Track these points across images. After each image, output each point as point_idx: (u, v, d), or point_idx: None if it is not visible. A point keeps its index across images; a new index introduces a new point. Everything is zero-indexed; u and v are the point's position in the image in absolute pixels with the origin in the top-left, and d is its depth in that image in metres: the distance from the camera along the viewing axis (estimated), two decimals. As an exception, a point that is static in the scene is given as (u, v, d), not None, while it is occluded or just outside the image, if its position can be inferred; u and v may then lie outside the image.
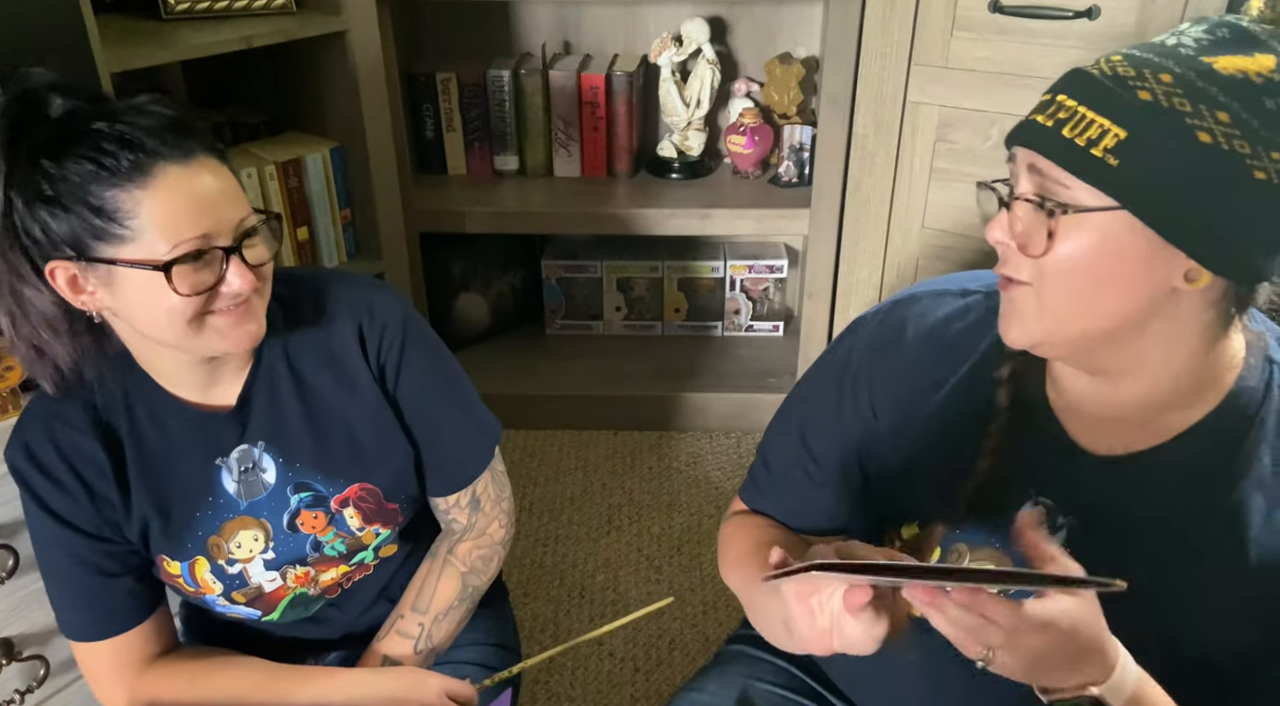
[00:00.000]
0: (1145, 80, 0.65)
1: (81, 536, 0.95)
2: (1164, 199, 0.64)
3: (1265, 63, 0.64)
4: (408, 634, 1.04)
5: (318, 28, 1.66)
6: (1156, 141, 0.64)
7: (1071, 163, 0.66)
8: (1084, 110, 0.66)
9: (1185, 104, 0.63)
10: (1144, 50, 0.67)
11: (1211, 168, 0.63)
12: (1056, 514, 0.80)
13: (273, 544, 1.00)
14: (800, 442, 0.95)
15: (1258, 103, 0.63)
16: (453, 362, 1.07)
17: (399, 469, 1.03)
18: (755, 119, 2.17)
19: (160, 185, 0.80)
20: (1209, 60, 0.64)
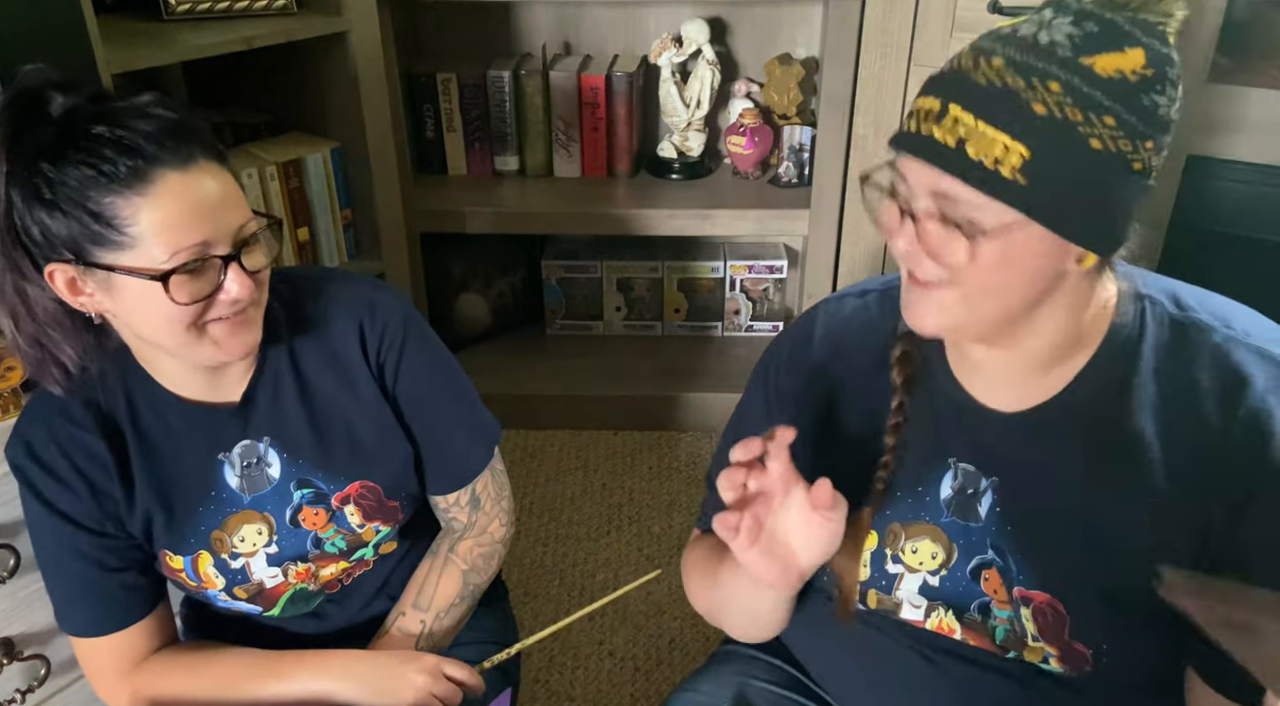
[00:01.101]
0: (1036, 91, 0.67)
1: (83, 532, 0.95)
2: (1066, 206, 0.70)
3: (1136, 59, 0.68)
4: (409, 631, 1.04)
5: (318, 28, 1.66)
6: (1057, 155, 0.68)
7: (982, 184, 0.69)
8: (983, 127, 0.68)
9: (1077, 114, 0.67)
10: (1020, 51, 0.68)
11: (1102, 169, 0.69)
12: (979, 476, 0.85)
13: (276, 538, 1.00)
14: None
15: (1135, 101, 0.68)
16: (453, 362, 1.07)
17: (399, 467, 1.03)
18: (755, 119, 2.17)
19: (159, 192, 0.80)
20: (1088, 62, 0.67)
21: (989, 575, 0.85)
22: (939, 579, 0.87)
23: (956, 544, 0.87)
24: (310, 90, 1.81)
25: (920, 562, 0.88)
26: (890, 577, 0.89)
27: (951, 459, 0.86)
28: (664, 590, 1.82)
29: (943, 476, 0.87)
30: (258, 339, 0.91)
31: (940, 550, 0.87)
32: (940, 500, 0.87)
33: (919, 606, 0.89)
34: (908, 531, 0.88)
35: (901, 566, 0.89)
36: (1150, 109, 0.69)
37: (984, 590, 0.86)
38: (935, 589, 0.88)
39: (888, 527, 0.89)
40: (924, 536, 0.88)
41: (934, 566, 0.87)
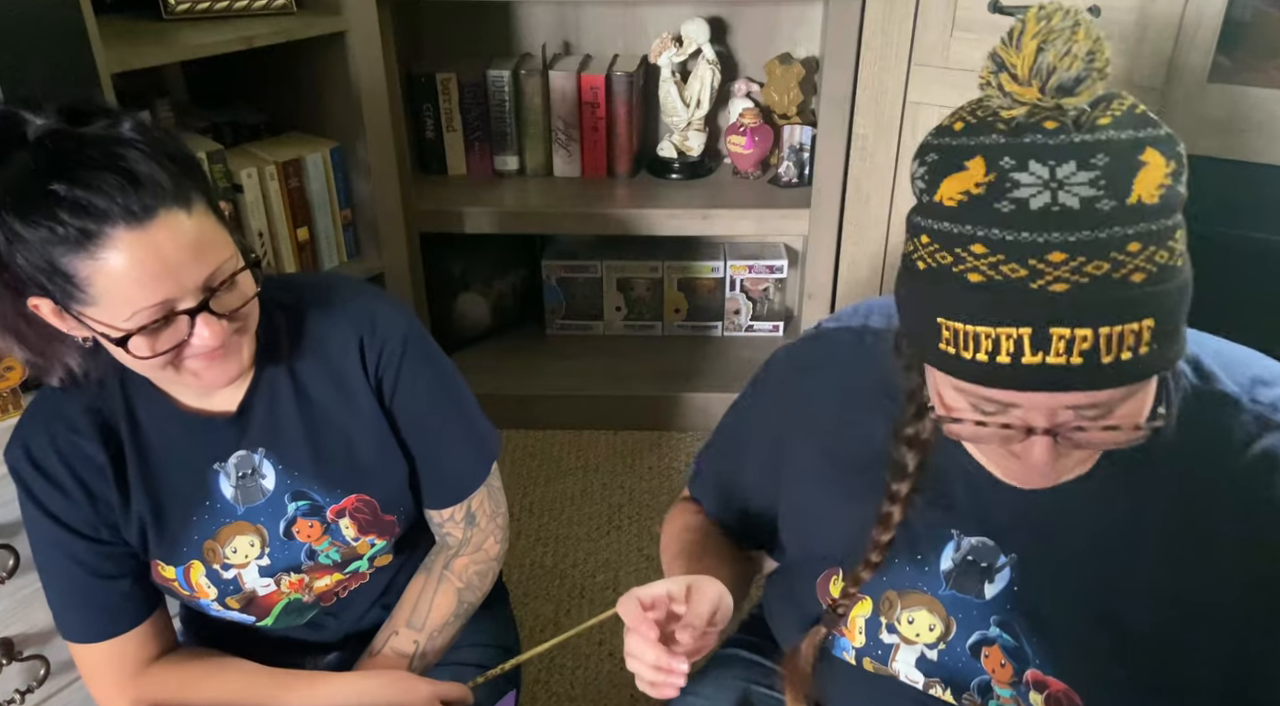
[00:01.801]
0: (1126, 263, 0.60)
1: (79, 538, 0.95)
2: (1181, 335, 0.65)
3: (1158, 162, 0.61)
4: (402, 652, 1.03)
5: (318, 28, 1.66)
6: (1169, 303, 0.62)
7: (1131, 378, 0.62)
8: (1103, 330, 0.60)
9: (1163, 254, 0.61)
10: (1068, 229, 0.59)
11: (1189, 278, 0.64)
12: (997, 552, 0.80)
13: (268, 550, 0.99)
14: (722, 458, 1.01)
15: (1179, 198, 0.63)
16: (453, 376, 1.06)
17: (396, 481, 1.02)
18: (755, 119, 2.17)
19: (112, 255, 0.76)
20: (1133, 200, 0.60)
21: (989, 652, 0.81)
22: (937, 653, 0.83)
23: (955, 618, 0.82)
24: (310, 90, 1.81)
25: (917, 634, 0.83)
26: (886, 648, 0.85)
27: (955, 529, 0.81)
28: (664, 590, 1.82)
29: (944, 547, 0.82)
30: (242, 366, 0.90)
31: (938, 622, 0.82)
32: (940, 571, 0.82)
33: (916, 682, 0.84)
34: (904, 600, 0.84)
35: (897, 637, 0.84)
36: (1184, 192, 0.63)
37: (984, 667, 0.81)
38: (933, 663, 0.83)
39: (883, 594, 0.85)
40: (921, 607, 0.83)
41: (931, 639, 0.83)
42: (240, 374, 0.90)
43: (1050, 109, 0.61)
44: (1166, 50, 1.60)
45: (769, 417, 0.94)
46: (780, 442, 0.92)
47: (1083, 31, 0.61)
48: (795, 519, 0.93)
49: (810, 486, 0.90)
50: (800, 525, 0.92)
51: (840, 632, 0.87)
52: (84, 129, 0.78)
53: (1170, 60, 1.60)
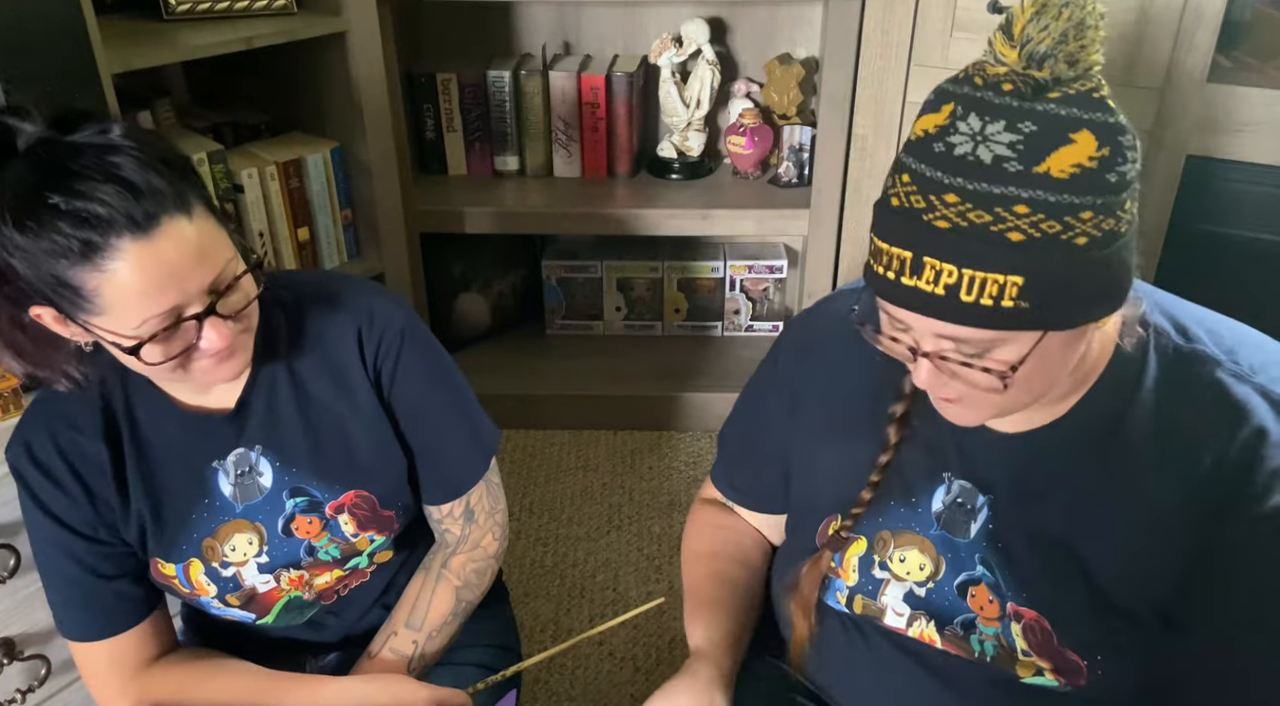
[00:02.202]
0: (1005, 220, 0.64)
1: (78, 537, 0.95)
2: (1076, 303, 0.68)
3: (1088, 143, 0.64)
4: (402, 652, 1.03)
5: (318, 28, 1.66)
6: (1050, 270, 0.66)
7: (989, 323, 0.67)
8: (967, 272, 0.65)
9: (1054, 225, 0.65)
10: (969, 179, 0.65)
11: (1095, 255, 0.66)
12: (975, 493, 0.85)
13: (266, 548, 1.00)
14: (743, 430, 1.05)
15: (1103, 182, 0.65)
16: (452, 370, 1.06)
17: (395, 477, 1.02)
18: (755, 119, 2.17)
19: (118, 267, 0.76)
20: (1042, 169, 0.64)
21: (976, 592, 0.85)
22: (925, 590, 0.88)
23: (944, 557, 0.87)
24: (310, 90, 1.81)
25: (908, 572, 0.88)
26: (877, 583, 0.90)
27: (947, 473, 0.86)
28: (664, 590, 1.82)
29: (935, 489, 0.87)
30: (247, 361, 0.90)
31: (928, 562, 0.87)
32: (931, 512, 0.87)
33: (902, 614, 0.89)
34: (896, 540, 0.89)
35: (889, 573, 0.89)
36: (1119, 180, 0.66)
37: (970, 606, 0.86)
38: (920, 599, 0.88)
39: (877, 534, 0.90)
40: (913, 547, 0.88)
41: (921, 578, 0.88)
42: (242, 371, 0.90)
43: (1019, 75, 0.66)
44: (1165, 50, 1.60)
45: (786, 378, 0.98)
46: (796, 401, 0.96)
47: (1068, 14, 0.65)
48: (803, 471, 0.97)
49: (817, 440, 0.94)
50: (807, 476, 0.97)
51: (835, 573, 0.92)
52: (74, 137, 0.77)
53: (1169, 60, 1.60)
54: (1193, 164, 1.65)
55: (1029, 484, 0.83)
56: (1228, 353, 0.78)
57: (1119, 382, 0.79)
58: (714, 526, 1.08)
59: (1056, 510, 0.81)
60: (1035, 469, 0.82)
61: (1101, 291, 0.69)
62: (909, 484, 0.88)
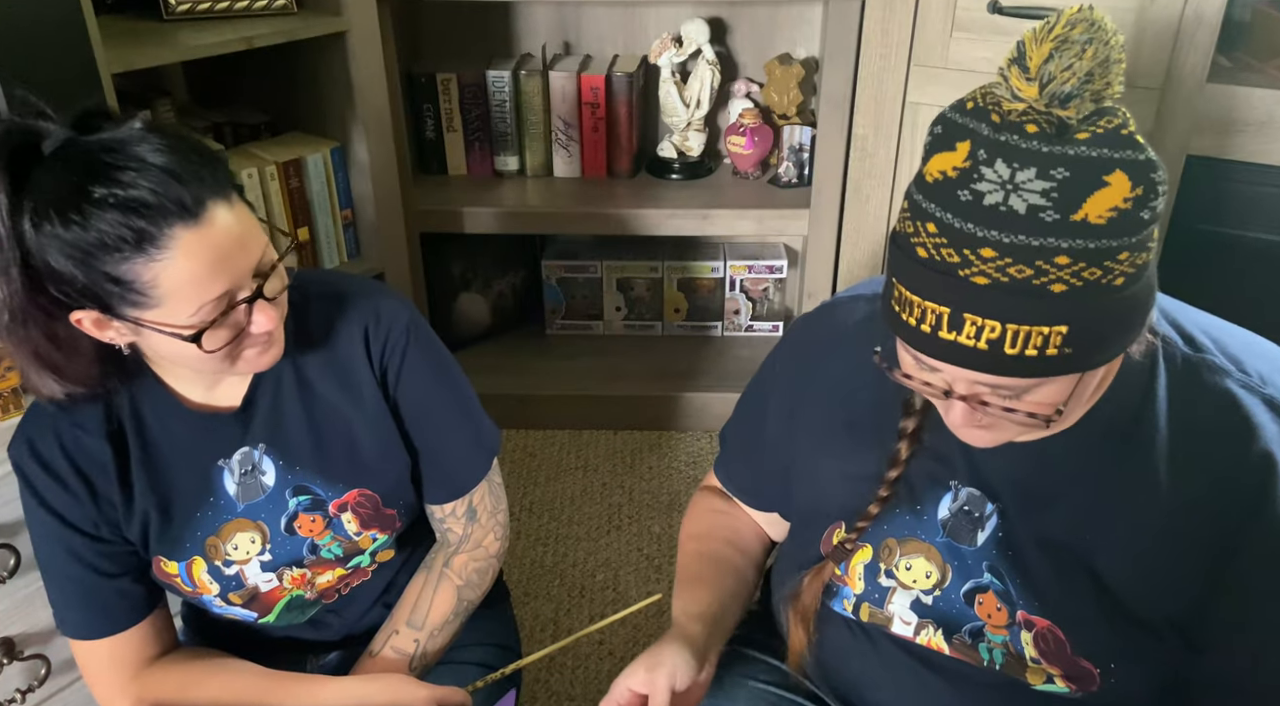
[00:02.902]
0: (1049, 273, 0.63)
1: (80, 535, 0.95)
2: (1114, 339, 0.68)
3: (1122, 185, 0.62)
4: (403, 651, 1.03)
5: (318, 28, 1.66)
6: (1094, 315, 0.65)
7: (1033, 371, 0.66)
8: (1011, 327, 0.64)
9: (1096, 271, 0.63)
10: (1005, 231, 0.63)
11: (1131, 291, 0.66)
12: (984, 501, 0.84)
13: (269, 546, 1.00)
14: (743, 429, 1.05)
15: (1137, 221, 0.63)
16: (456, 370, 1.06)
17: (398, 475, 1.02)
18: (755, 119, 2.17)
19: (174, 254, 0.76)
20: (1080, 216, 0.62)
21: (984, 599, 0.85)
22: (932, 598, 0.87)
23: (950, 565, 0.86)
24: (310, 90, 1.81)
25: (914, 580, 0.87)
26: (883, 591, 0.89)
27: (954, 481, 0.85)
28: (664, 589, 1.82)
29: (942, 497, 0.86)
30: (283, 347, 0.92)
31: (934, 569, 0.86)
32: (937, 520, 0.86)
33: (909, 622, 0.88)
34: (903, 548, 0.88)
35: (894, 581, 0.88)
36: (1151, 215, 0.64)
37: (977, 614, 0.85)
38: (927, 607, 0.87)
39: (883, 542, 0.89)
40: (919, 554, 0.87)
41: (928, 585, 0.87)
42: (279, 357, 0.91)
43: (1040, 112, 0.63)
44: (1166, 50, 1.60)
45: (787, 381, 0.98)
46: (796, 405, 0.96)
47: (1091, 51, 0.63)
48: (806, 477, 0.96)
49: (821, 447, 0.93)
50: (810, 483, 0.96)
51: (842, 581, 0.91)
52: (99, 136, 0.78)
53: (1169, 60, 1.60)
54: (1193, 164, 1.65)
55: (1038, 491, 0.82)
56: (1234, 361, 0.78)
57: (1129, 390, 0.78)
58: (711, 511, 1.08)
59: (1066, 517, 0.80)
60: (1044, 476, 0.81)
61: (1135, 324, 0.69)
62: (915, 491, 0.87)
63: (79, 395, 0.89)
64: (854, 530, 0.89)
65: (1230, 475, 0.75)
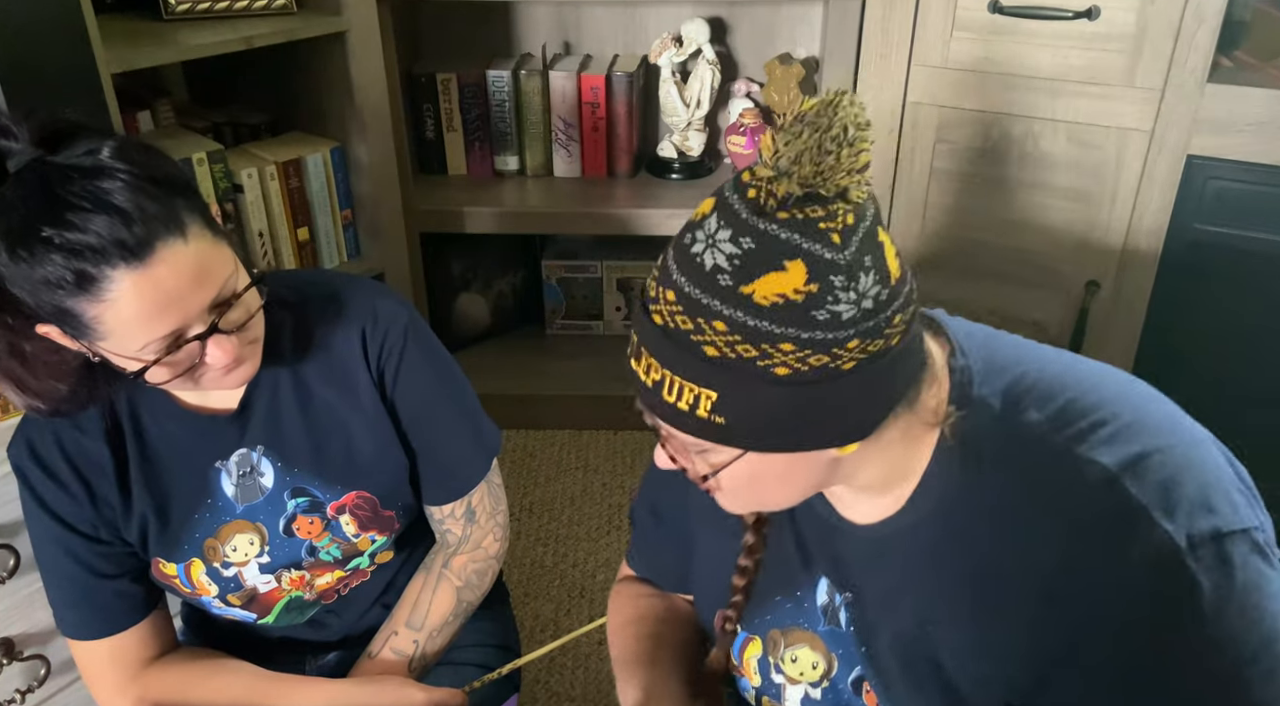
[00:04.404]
0: (704, 333, 0.62)
1: (78, 536, 0.95)
2: (782, 431, 0.65)
3: (797, 276, 0.60)
4: (402, 652, 1.03)
5: (318, 28, 1.66)
6: (744, 393, 0.63)
7: (686, 427, 0.66)
8: (668, 374, 0.64)
9: (750, 350, 0.61)
10: (690, 281, 0.62)
11: (802, 389, 0.63)
12: (834, 591, 0.81)
13: (268, 548, 1.00)
14: (649, 504, 1.01)
15: (809, 319, 0.61)
16: (455, 371, 1.06)
17: (396, 477, 1.02)
18: (755, 119, 2.17)
19: (116, 296, 0.75)
20: (748, 290, 0.61)
21: (870, 688, 0.80)
22: (820, 691, 0.83)
23: (835, 653, 0.82)
24: (310, 90, 1.81)
25: (801, 672, 0.84)
26: (777, 687, 0.85)
27: (817, 567, 0.82)
28: (664, 590, 1.83)
29: (817, 583, 0.82)
30: (255, 368, 0.90)
31: (820, 659, 0.83)
32: (817, 607, 0.82)
33: None
34: (787, 638, 0.84)
35: (783, 677, 0.85)
36: (832, 319, 0.61)
37: (866, 703, 0.81)
38: (817, 702, 0.83)
39: (768, 633, 0.86)
40: (803, 644, 0.84)
41: (815, 677, 0.83)
42: (251, 376, 0.90)
43: (764, 181, 0.62)
44: (1166, 50, 1.60)
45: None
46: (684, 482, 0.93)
47: (805, 135, 0.60)
48: (696, 554, 0.94)
49: (700, 523, 0.91)
50: (698, 561, 0.93)
51: (739, 672, 0.89)
52: (65, 158, 0.76)
53: (1169, 60, 1.60)
54: (1193, 164, 1.65)
55: (883, 581, 0.78)
56: (1055, 417, 0.70)
57: (943, 476, 0.73)
58: (634, 596, 1.02)
59: (910, 609, 0.76)
60: (886, 565, 0.77)
61: (810, 425, 0.65)
62: (790, 578, 0.84)
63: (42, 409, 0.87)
64: (731, 608, 0.86)
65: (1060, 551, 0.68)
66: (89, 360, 0.85)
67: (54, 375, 0.84)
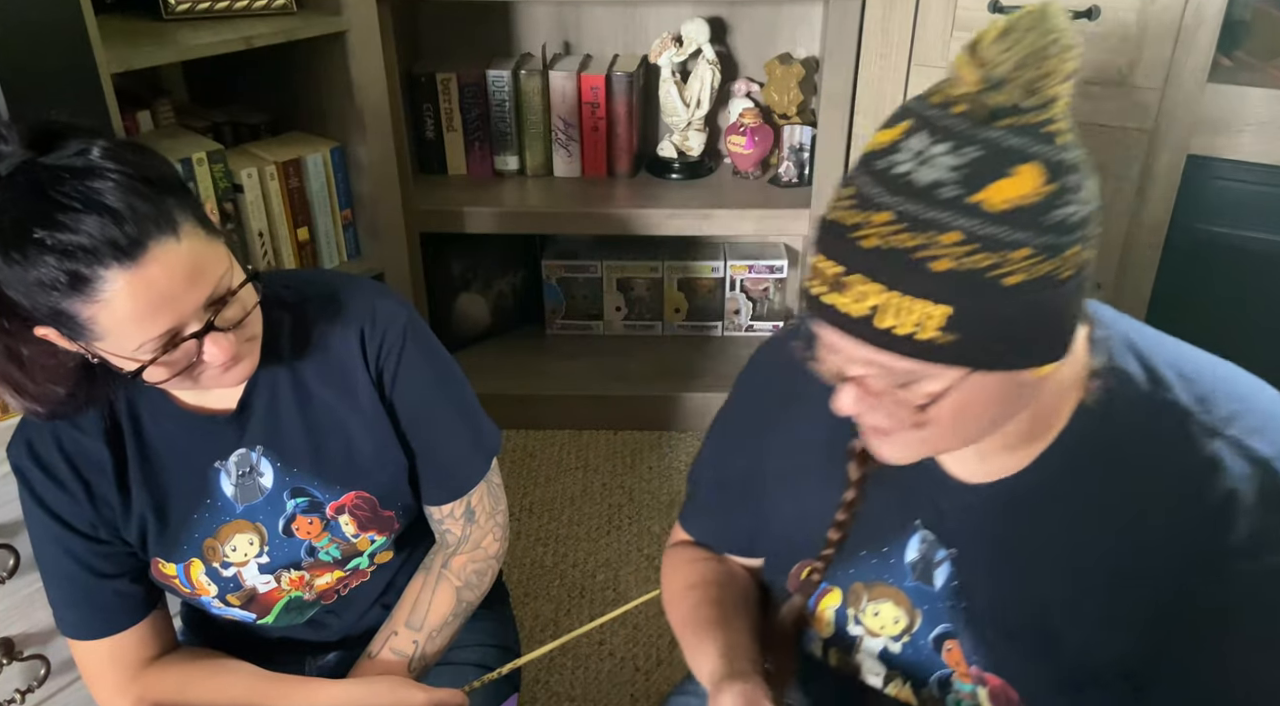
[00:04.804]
0: (932, 247, 0.61)
1: (77, 536, 0.95)
2: (1005, 345, 0.64)
3: (1030, 178, 0.61)
4: (402, 653, 1.03)
5: (318, 28, 1.66)
6: (978, 305, 0.62)
7: (909, 353, 0.64)
8: (891, 296, 0.62)
9: (985, 259, 0.61)
10: (905, 199, 0.62)
11: (1029, 298, 0.63)
12: (937, 546, 0.81)
13: (267, 548, 1.00)
14: (712, 470, 1.00)
15: (1043, 222, 0.61)
16: (454, 371, 1.06)
17: (395, 477, 1.02)
18: (755, 119, 2.17)
19: (110, 297, 0.75)
20: (978, 199, 0.60)
21: (951, 646, 0.82)
22: (900, 645, 0.84)
23: (920, 609, 0.83)
24: (310, 90, 1.81)
25: (881, 626, 0.85)
26: (852, 639, 0.86)
27: (917, 521, 0.83)
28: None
29: (908, 539, 0.83)
30: (254, 366, 0.90)
31: (903, 615, 0.83)
32: (905, 563, 0.83)
33: (879, 674, 0.86)
34: (870, 592, 0.85)
35: (862, 629, 0.86)
36: (1062, 221, 0.62)
37: (946, 661, 0.82)
38: (896, 656, 0.84)
39: (850, 586, 0.86)
40: (886, 599, 0.84)
41: (895, 631, 0.84)
42: (250, 373, 0.90)
43: (974, 97, 0.62)
44: (1166, 50, 1.60)
45: (754, 412, 0.94)
46: (760, 442, 0.92)
47: (1030, 39, 0.61)
48: (772, 516, 0.93)
49: (784, 482, 0.91)
50: (776, 522, 0.93)
51: (810, 624, 0.89)
52: (56, 160, 0.75)
53: (1169, 60, 1.60)
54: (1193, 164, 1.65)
55: (990, 539, 0.79)
56: (1200, 401, 0.73)
57: (1080, 438, 0.74)
58: (691, 560, 1.02)
59: (1021, 568, 0.77)
60: (997, 523, 0.78)
61: (1036, 337, 0.65)
62: (880, 533, 0.84)
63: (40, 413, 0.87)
64: (820, 560, 0.86)
65: (1188, 524, 0.71)
66: (86, 363, 0.85)
67: (51, 379, 0.84)
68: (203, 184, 1.60)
